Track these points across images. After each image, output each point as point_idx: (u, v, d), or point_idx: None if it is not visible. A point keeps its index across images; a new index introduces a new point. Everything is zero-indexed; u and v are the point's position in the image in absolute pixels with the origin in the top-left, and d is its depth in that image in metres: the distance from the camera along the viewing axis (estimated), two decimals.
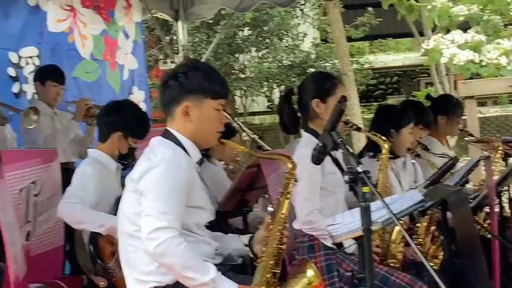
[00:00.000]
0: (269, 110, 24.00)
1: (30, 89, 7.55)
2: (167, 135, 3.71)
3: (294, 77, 19.76)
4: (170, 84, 3.71)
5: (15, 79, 7.56)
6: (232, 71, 20.86)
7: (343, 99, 3.83)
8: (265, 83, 21.31)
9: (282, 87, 21.33)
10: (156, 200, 3.47)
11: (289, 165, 3.76)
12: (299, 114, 4.71)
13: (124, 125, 5.06)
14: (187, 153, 3.68)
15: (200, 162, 3.86)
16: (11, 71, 7.53)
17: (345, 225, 3.84)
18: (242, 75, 21.30)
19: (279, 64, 20.69)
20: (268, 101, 23.40)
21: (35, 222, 4.97)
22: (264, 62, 21.21)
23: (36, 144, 6.31)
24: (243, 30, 20.37)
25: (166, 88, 3.73)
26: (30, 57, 7.74)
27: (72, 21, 8.29)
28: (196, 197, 3.66)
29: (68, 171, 5.93)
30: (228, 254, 3.87)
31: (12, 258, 4.10)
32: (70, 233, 5.21)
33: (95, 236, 4.70)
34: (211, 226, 3.87)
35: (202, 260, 3.50)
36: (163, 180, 3.50)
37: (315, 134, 4.52)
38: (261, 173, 4.96)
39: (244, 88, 21.05)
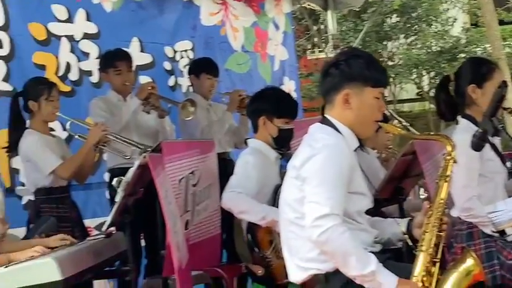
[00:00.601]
0: (418, 97, 23.66)
1: (185, 82, 7.75)
2: (326, 122, 3.73)
3: (443, 63, 19.48)
4: (331, 72, 3.72)
5: (170, 73, 7.79)
6: (381, 59, 20.72)
7: (504, 84, 3.75)
8: (414, 70, 21.09)
9: (432, 74, 21.03)
10: (320, 186, 3.48)
11: (449, 147, 3.68)
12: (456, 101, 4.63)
13: (265, 108, 5.11)
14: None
15: (354, 151, 3.86)
16: (167, 65, 7.76)
17: (507, 212, 3.77)
18: (391, 63, 21.13)
19: (428, 50, 20.44)
20: (418, 88, 23.10)
21: (193, 212, 5.10)
22: (412, 48, 20.98)
23: (194, 136, 6.46)
24: (391, 18, 20.19)
25: (327, 76, 3.74)
26: (185, 50, 7.95)
27: (224, 14, 8.45)
28: (357, 183, 3.66)
29: (224, 162, 6.07)
30: (387, 239, 3.85)
31: (175, 246, 4.22)
32: (227, 222, 5.33)
33: (253, 225, 4.78)
34: (370, 213, 3.86)
35: (364, 251, 3.49)
36: (326, 166, 3.51)
37: (472, 120, 4.44)
38: (416, 161, 4.92)
39: (393, 76, 20.87)
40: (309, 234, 3.49)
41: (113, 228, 4.85)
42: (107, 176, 6.44)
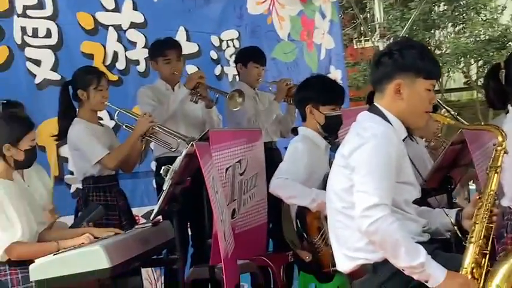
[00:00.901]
0: (466, 86, 23.41)
1: (231, 71, 7.77)
2: (375, 110, 3.71)
3: (492, 52, 19.21)
4: (383, 61, 3.70)
5: (216, 62, 7.81)
6: (428, 48, 20.58)
7: None
8: (462, 59, 20.83)
9: (480, 63, 20.80)
10: (368, 176, 3.47)
11: (500, 137, 3.64)
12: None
13: (310, 96, 5.10)
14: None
15: (403, 140, 3.83)
16: (213, 54, 7.78)
17: None
18: (438, 52, 20.92)
19: (476, 39, 20.17)
20: (465, 77, 22.86)
21: (240, 201, 5.10)
22: (460, 37, 20.73)
23: (241, 125, 6.43)
24: (438, 6, 19.98)
25: (379, 65, 3.73)
26: (231, 39, 7.96)
27: (271, 2, 8.42)
28: (405, 173, 3.63)
29: (270, 151, 6.04)
30: (435, 228, 3.82)
31: (221, 235, 4.22)
32: (273, 211, 5.32)
33: (302, 211, 4.77)
34: (417, 203, 3.83)
35: (413, 242, 3.46)
36: (375, 155, 3.50)
37: None
38: (465, 150, 4.86)
39: (441, 65, 20.65)
40: (358, 225, 3.48)
41: (159, 217, 4.86)
42: (153, 165, 6.47)
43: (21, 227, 4.27)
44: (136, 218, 6.16)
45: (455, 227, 3.77)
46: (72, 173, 6.27)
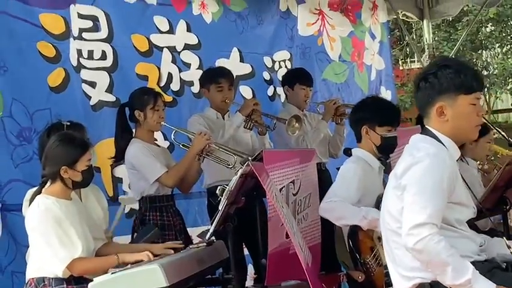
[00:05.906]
0: None
1: (283, 91, 7.79)
2: (427, 133, 3.73)
3: None
4: (421, 86, 3.73)
5: (269, 82, 7.86)
6: (475, 68, 20.41)
7: None
8: (510, 80, 20.65)
9: None
10: (418, 195, 3.49)
11: None
12: None
13: (366, 117, 5.11)
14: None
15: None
16: (266, 75, 7.83)
17: None
18: (485, 72, 20.76)
19: None
20: None
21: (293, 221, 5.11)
22: (508, 58, 20.55)
23: (288, 146, 6.46)
24: (486, 27, 19.84)
25: (418, 90, 3.75)
26: (283, 60, 8.01)
27: (321, 24, 8.47)
28: (458, 194, 3.64)
29: (319, 172, 6.00)
30: (491, 258, 3.80)
31: (298, 247, 4.25)
32: (323, 231, 5.32)
33: (354, 231, 4.77)
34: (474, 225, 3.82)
35: (461, 259, 3.46)
36: (427, 175, 3.52)
37: None
38: None
39: (488, 85, 20.50)
40: (404, 242, 3.50)
41: (213, 237, 4.87)
42: None
43: (81, 244, 4.33)
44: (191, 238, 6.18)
45: None
46: (125, 194, 6.33)
